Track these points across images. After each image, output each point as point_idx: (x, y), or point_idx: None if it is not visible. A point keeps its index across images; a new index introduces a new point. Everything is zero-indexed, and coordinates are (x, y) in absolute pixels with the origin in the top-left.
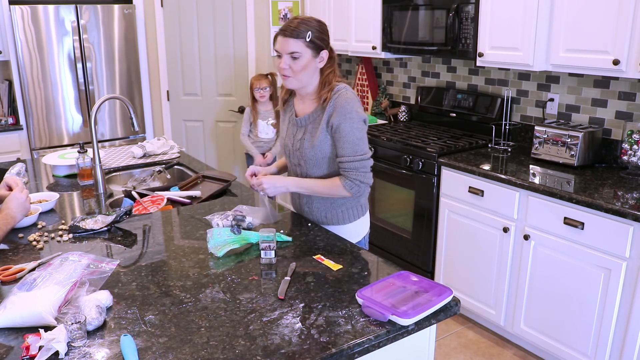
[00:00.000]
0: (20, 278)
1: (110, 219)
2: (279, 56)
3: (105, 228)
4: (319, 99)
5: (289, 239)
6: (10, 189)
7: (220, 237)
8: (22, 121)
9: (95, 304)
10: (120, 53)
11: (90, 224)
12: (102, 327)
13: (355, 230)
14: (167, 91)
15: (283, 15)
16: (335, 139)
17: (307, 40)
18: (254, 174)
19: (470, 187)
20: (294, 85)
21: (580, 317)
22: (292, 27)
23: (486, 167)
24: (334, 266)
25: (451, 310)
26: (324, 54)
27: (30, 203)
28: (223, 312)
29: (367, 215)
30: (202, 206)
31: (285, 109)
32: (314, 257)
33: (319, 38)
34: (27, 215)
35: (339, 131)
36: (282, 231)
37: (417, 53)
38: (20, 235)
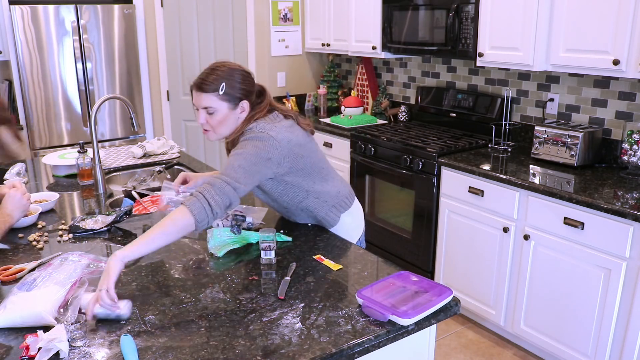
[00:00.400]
0: (20, 278)
1: (110, 219)
2: (197, 109)
3: (105, 228)
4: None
5: (289, 239)
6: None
7: (220, 237)
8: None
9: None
10: (120, 53)
11: (90, 224)
12: (102, 327)
13: (346, 230)
14: (167, 91)
15: (283, 15)
16: None
17: (221, 93)
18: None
19: (470, 187)
20: (214, 138)
21: (580, 317)
22: (202, 80)
23: (486, 167)
24: (334, 266)
25: (451, 310)
26: (245, 104)
27: (30, 203)
28: (223, 312)
29: (359, 218)
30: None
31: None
32: (314, 257)
33: (236, 89)
34: (26, 215)
35: (233, 150)
36: (282, 231)
37: (417, 53)
38: (20, 235)
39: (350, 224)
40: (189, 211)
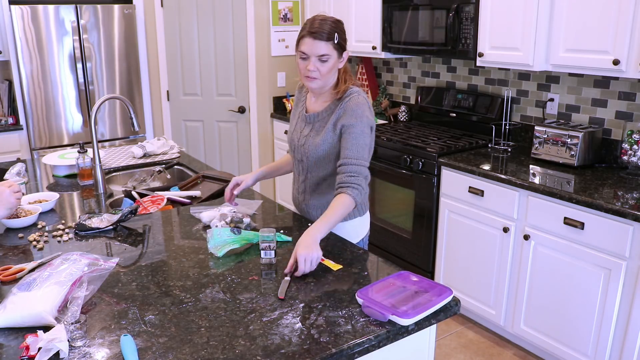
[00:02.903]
0: (20, 278)
1: (116, 217)
2: (304, 58)
3: (111, 227)
4: (332, 99)
5: (289, 239)
6: None
7: (220, 237)
8: (22, 121)
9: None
10: (120, 53)
11: (96, 222)
12: (102, 327)
13: (354, 230)
14: (167, 91)
15: (283, 15)
16: (343, 139)
17: (335, 42)
18: (237, 184)
19: (470, 187)
20: (319, 86)
21: (580, 317)
22: (322, 29)
23: (486, 167)
24: (334, 266)
25: (451, 310)
26: (345, 54)
27: (20, 203)
28: (223, 312)
29: (366, 217)
30: (202, 206)
31: (297, 103)
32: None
33: (343, 39)
34: (26, 215)
35: (349, 133)
36: (282, 231)
37: (417, 53)
38: (20, 235)
39: (361, 222)
40: (352, 198)
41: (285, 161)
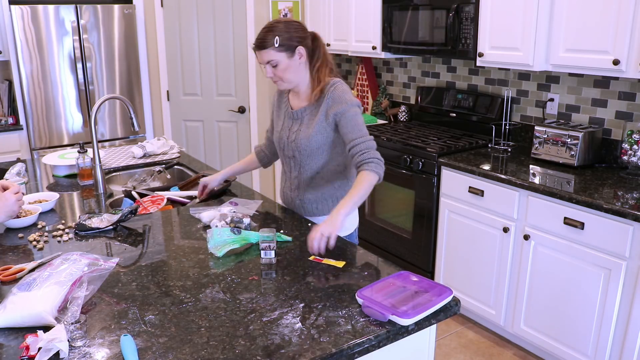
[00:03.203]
0: (20, 278)
1: (116, 217)
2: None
3: (111, 227)
4: (314, 97)
5: (289, 238)
6: (5, 190)
7: (220, 237)
8: (22, 121)
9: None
10: (120, 53)
11: (96, 222)
12: (102, 327)
13: (352, 219)
14: (167, 91)
15: (283, 15)
16: (341, 126)
17: (276, 45)
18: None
19: (470, 187)
20: (286, 87)
21: (580, 317)
22: (259, 39)
23: (486, 167)
24: (339, 263)
25: (451, 310)
26: (301, 50)
27: (30, 203)
28: (223, 312)
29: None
30: (202, 206)
31: (279, 104)
32: (308, 258)
33: (288, 39)
34: (26, 215)
35: (345, 118)
36: (282, 231)
37: (417, 53)
38: (20, 235)
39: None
40: (375, 173)
41: (251, 160)
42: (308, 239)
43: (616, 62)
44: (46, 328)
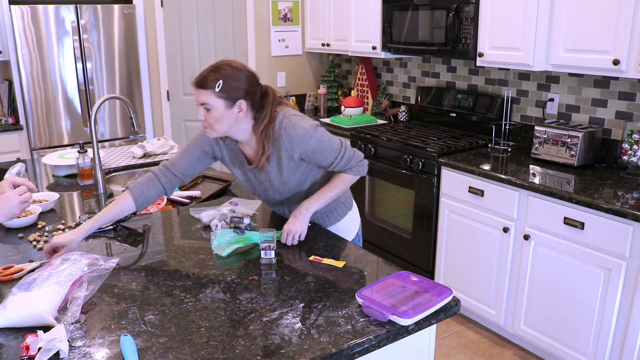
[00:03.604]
0: (20, 278)
1: None
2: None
3: (112, 227)
4: (265, 143)
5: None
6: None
7: (224, 238)
8: (22, 121)
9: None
10: (120, 53)
11: None
12: (102, 327)
13: (347, 227)
14: (167, 91)
15: (283, 15)
16: (313, 160)
17: (216, 90)
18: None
19: (470, 187)
20: (212, 135)
21: (580, 317)
22: (201, 76)
23: (486, 167)
24: (339, 263)
25: (451, 310)
26: (242, 104)
27: (21, 214)
28: (223, 312)
29: (355, 209)
30: (202, 206)
31: (229, 149)
32: (309, 258)
33: (232, 87)
34: (26, 215)
35: (311, 152)
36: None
37: (417, 53)
38: (20, 235)
39: (352, 217)
40: (353, 175)
41: (124, 205)
42: (282, 232)
43: (616, 62)
44: (46, 328)
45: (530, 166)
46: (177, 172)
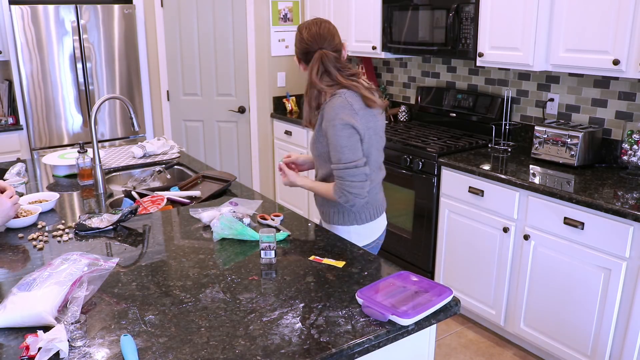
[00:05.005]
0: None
1: (116, 217)
2: None
3: (111, 227)
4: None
5: (287, 232)
6: (2, 192)
7: (230, 225)
8: (22, 121)
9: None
10: (120, 53)
11: (96, 222)
12: (102, 327)
13: (348, 236)
14: (167, 91)
15: (283, 15)
16: (328, 143)
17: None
18: (289, 155)
19: (470, 187)
20: None
21: (580, 317)
22: None
23: (486, 167)
24: (339, 263)
25: (451, 310)
26: (297, 59)
27: (30, 203)
28: (223, 312)
29: (367, 228)
30: (202, 206)
31: None
32: (308, 258)
33: (296, 46)
34: (26, 215)
35: (327, 137)
36: (280, 231)
37: (417, 53)
38: (20, 235)
39: (358, 230)
40: (334, 191)
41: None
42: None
43: (616, 62)
44: (46, 328)
45: (530, 166)
46: None
